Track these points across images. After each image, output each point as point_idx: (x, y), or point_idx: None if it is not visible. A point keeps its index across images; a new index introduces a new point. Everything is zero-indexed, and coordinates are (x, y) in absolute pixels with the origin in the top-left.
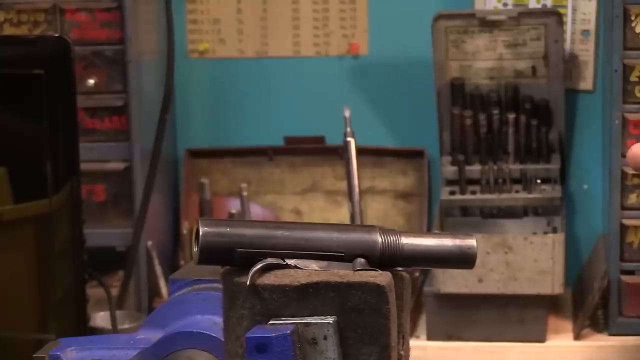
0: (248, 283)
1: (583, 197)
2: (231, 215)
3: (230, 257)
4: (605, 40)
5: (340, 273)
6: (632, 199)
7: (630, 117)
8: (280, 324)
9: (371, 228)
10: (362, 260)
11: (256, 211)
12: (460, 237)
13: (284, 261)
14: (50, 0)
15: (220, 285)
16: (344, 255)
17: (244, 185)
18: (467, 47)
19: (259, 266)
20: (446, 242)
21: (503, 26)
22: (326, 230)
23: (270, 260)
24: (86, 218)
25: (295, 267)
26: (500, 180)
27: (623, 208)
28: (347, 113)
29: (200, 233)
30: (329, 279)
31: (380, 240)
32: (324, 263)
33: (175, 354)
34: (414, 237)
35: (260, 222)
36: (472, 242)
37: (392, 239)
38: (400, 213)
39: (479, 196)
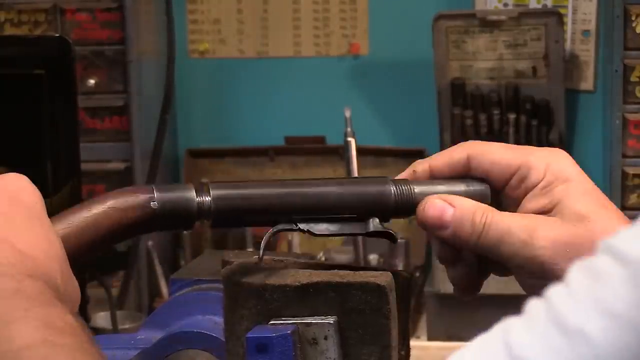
0: (261, 251)
1: None
2: None
3: (242, 219)
4: (606, 40)
5: (341, 273)
6: (632, 199)
7: (631, 117)
8: (281, 324)
9: (383, 179)
10: (376, 221)
11: None
12: (471, 182)
13: (296, 225)
14: (50, 1)
15: (220, 285)
16: (357, 216)
17: None
18: (467, 47)
19: (270, 232)
20: (458, 187)
21: (503, 26)
22: (338, 186)
23: (282, 226)
24: None
25: (308, 231)
26: None
27: (623, 208)
28: (347, 113)
29: (212, 196)
30: (329, 279)
31: (393, 191)
32: (336, 226)
33: (175, 354)
34: (427, 185)
35: (271, 182)
36: (483, 186)
37: (405, 188)
38: None
39: None
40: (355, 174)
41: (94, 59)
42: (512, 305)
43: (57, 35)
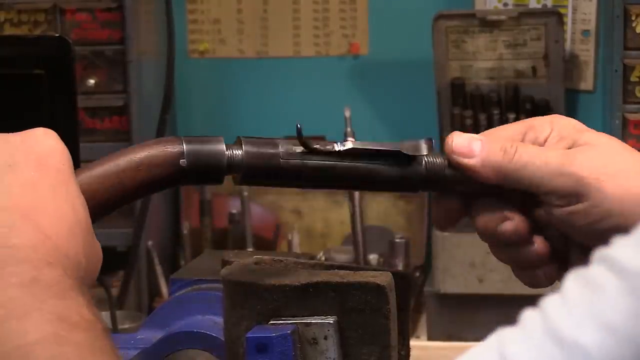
0: (302, 145)
1: None
2: (232, 215)
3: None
4: (606, 40)
5: (341, 273)
6: None
7: (631, 117)
8: (281, 324)
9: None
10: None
11: (256, 211)
12: None
13: (335, 145)
14: (50, 0)
15: (220, 285)
16: (400, 151)
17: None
18: (467, 47)
19: (309, 141)
20: None
21: (503, 26)
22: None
23: (319, 145)
24: None
25: (345, 149)
26: None
27: None
28: (347, 113)
29: (244, 150)
30: (329, 279)
31: (424, 161)
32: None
33: (175, 354)
34: None
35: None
36: None
37: (435, 160)
38: (400, 213)
39: None
40: None
41: (94, 59)
42: (512, 305)
43: (57, 35)
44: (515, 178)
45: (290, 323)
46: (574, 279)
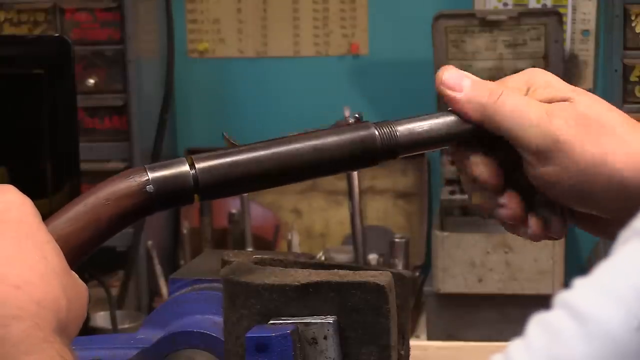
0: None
1: None
2: (231, 215)
3: (231, 189)
4: (605, 40)
5: (341, 273)
6: None
7: (631, 117)
8: (280, 323)
9: (365, 125)
10: None
11: (256, 211)
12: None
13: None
14: (50, 0)
15: (220, 285)
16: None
17: None
18: (467, 47)
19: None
20: (441, 119)
21: (503, 26)
22: (323, 139)
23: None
24: None
25: None
26: None
27: None
28: (347, 113)
29: (197, 169)
30: (329, 279)
31: (377, 134)
32: None
33: (175, 353)
34: (407, 123)
35: (254, 145)
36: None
37: (387, 129)
38: (401, 213)
39: None
40: (355, 174)
41: (94, 59)
42: (511, 305)
43: (57, 35)
44: (496, 122)
45: (290, 323)
46: (536, 324)
